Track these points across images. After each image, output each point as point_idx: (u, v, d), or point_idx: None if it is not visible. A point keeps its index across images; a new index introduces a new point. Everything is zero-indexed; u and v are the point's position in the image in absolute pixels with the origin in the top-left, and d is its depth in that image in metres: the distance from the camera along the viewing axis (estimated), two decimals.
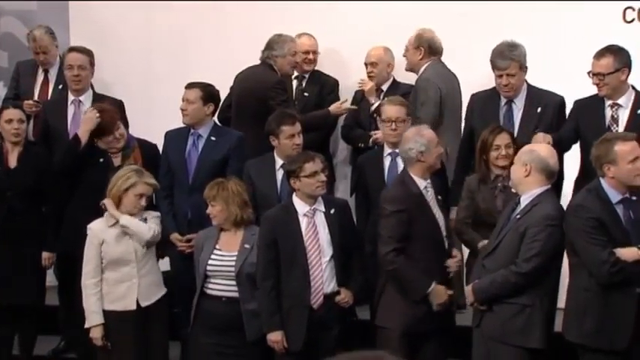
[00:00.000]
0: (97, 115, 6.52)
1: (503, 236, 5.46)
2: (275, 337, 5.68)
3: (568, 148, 6.48)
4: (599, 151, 5.32)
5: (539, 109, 6.50)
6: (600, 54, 6.24)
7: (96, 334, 5.88)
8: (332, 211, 5.76)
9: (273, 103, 7.19)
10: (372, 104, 7.41)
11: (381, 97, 7.53)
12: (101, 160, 6.55)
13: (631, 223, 5.28)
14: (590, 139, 6.22)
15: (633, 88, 6.31)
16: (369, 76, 7.62)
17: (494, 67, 6.50)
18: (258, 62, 7.50)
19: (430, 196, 5.78)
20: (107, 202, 5.95)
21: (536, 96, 6.55)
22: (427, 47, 7.30)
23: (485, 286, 5.45)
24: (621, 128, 6.18)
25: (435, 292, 5.70)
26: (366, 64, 7.64)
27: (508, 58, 6.42)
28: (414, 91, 7.21)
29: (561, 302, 5.63)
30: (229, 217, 5.86)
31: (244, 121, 7.16)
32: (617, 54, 6.22)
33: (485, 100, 6.67)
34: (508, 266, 5.39)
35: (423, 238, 5.73)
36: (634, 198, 5.29)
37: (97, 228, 5.95)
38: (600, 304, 5.25)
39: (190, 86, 6.65)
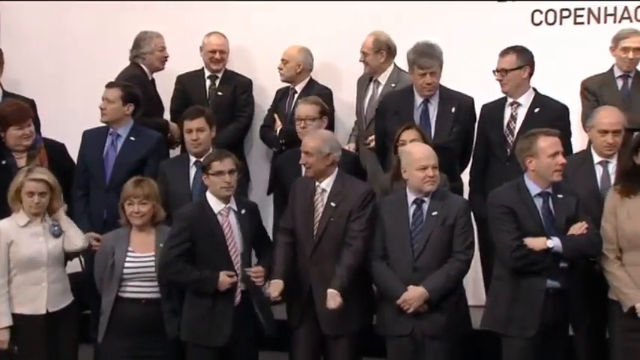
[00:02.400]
0: None
1: (429, 234, 5.51)
2: (225, 283, 5.63)
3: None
4: (523, 144, 5.46)
5: (453, 109, 6.59)
6: (505, 51, 6.46)
7: (2, 337, 5.74)
8: (243, 212, 5.77)
9: None
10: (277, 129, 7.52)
11: (295, 97, 7.57)
12: (3, 162, 6.39)
13: (548, 217, 5.39)
14: (493, 138, 6.47)
15: (534, 89, 6.49)
16: (280, 72, 7.67)
17: (418, 66, 6.52)
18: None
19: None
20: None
21: (449, 96, 6.64)
22: (387, 49, 7.36)
23: (441, 284, 5.48)
24: (518, 125, 6.37)
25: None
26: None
27: (433, 56, 6.50)
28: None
29: None
30: (155, 216, 5.84)
31: None
32: (521, 52, 6.43)
33: (400, 100, 6.72)
34: (452, 258, 5.51)
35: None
36: (560, 196, 5.41)
37: (3, 227, 5.81)
38: (510, 293, 5.39)
39: (111, 85, 6.62)
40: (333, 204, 5.79)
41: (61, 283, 5.90)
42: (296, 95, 7.61)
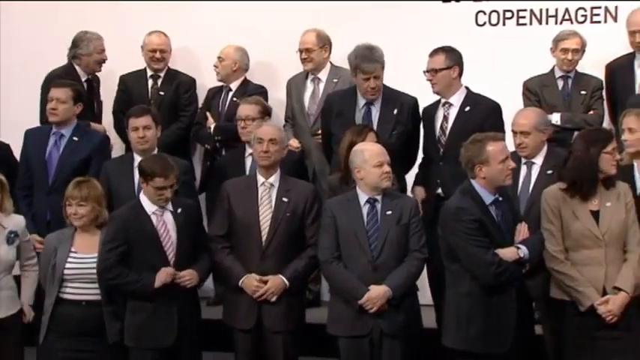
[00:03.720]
0: None
1: (386, 233, 5.51)
2: (162, 276, 5.61)
3: None
4: (471, 152, 5.31)
5: (395, 110, 6.60)
6: (434, 52, 6.49)
7: None
8: (178, 211, 5.74)
9: None
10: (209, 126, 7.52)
11: (230, 95, 7.58)
12: None
13: (504, 224, 5.33)
14: (428, 138, 6.54)
15: (467, 88, 6.52)
16: (215, 70, 7.67)
17: (361, 71, 6.51)
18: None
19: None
20: None
21: (392, 97, 6.65)
22: (329, 44, 7.44)
23: (402, 282, 5.49)
24: (449, 125, 6.41)
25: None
26: None
27: (374, 60, 6.50)
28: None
29: None
30: (98, 218, 5.78)
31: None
32: (449, 52, 6.46)
33: (343, 102, 6.71)
34: (411, 257, 5.53)
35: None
36: (500, 198, 5.37)
37: None
38: (483, 309, 5.25)
39: (60, 85, 6.56)
40: (285, 199, 5.82)
41: (9, 290, 5.82)
42: (230, 93, 7.61)
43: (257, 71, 7.77)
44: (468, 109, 6.40)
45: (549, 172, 5.78)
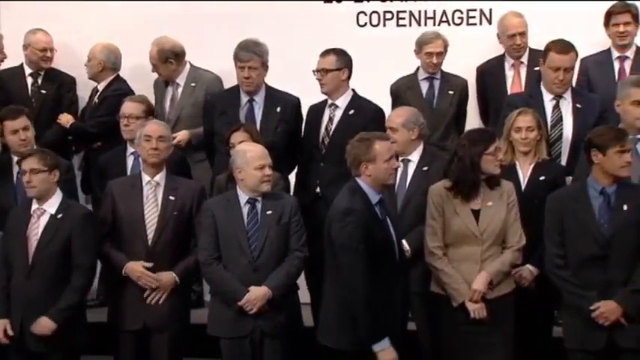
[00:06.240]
0: None
1: (266, 234, 5.51)
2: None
3: None
4: (358, 150, 5.24)
5: (278, 109, 6.66)
6: (325, 52, 6.58)
7: None
8: (59, 216, 5.67)
9: None
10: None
11: (97, 95, 7.56)
12: None
13: (385, 219, 5.29)
14: (312, 138, 6.60)
15: (353, 91, 6.61)
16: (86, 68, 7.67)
17: (237, 59, 6.59)
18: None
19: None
20: None
21: (274, 96, 6.72)
22: (174, 57, 7.44)
23: (282, 282, 5.49)
24: (333, 127, 6.52)
25: None
26: None
27: (251, 51, 6.56)
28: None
29: None
30: None
31: None
32: (340, 54, 6.55)
33: (226, 100, 6.75)
34: (291, 256, 5.55)
35: None
36: (383, 197, 5.36)
37: None
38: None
39: None
40: (171, 197, 5.82)
41: None
42: (98, 94, 7.58)
43: (128, 70, 7.76)
44: (352, 112, 6.50)
45: (425, 168, 5.91)
